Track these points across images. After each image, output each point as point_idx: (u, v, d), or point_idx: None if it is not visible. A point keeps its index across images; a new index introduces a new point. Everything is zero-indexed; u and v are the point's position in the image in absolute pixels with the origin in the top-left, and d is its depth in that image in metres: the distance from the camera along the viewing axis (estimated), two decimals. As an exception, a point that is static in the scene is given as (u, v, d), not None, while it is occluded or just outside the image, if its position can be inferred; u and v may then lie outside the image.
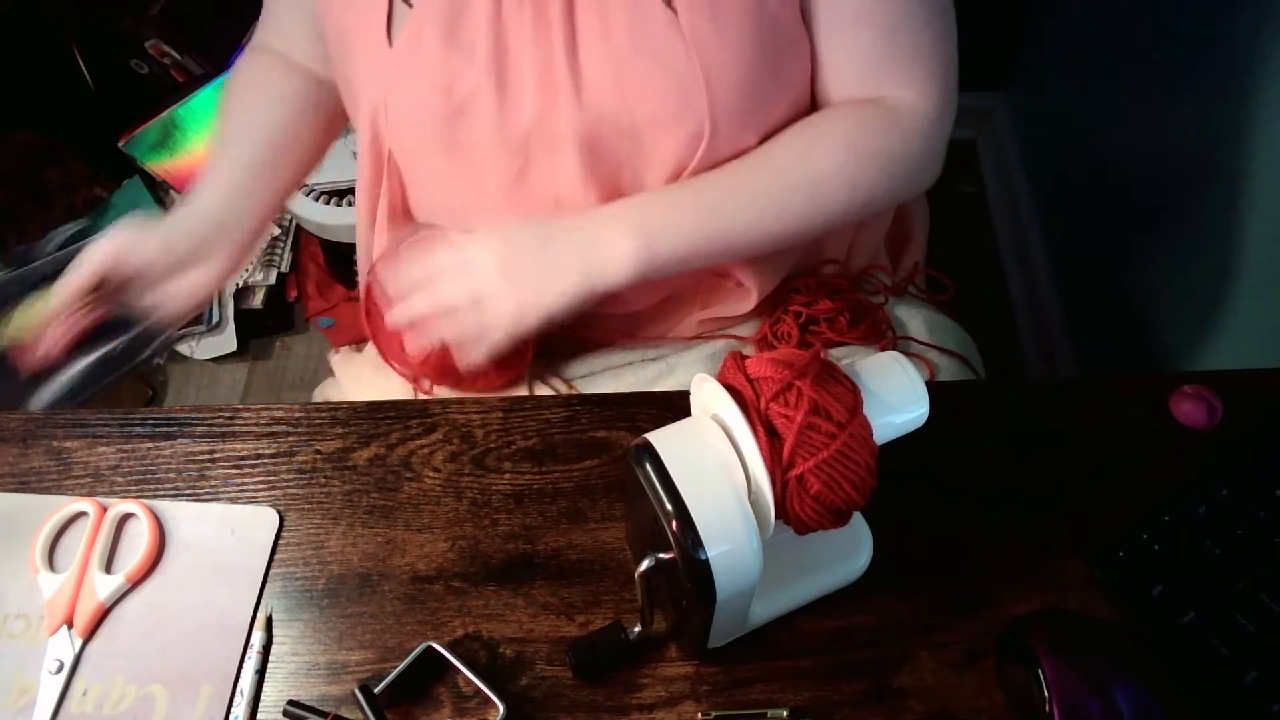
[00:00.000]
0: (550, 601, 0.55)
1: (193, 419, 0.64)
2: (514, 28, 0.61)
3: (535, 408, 0.64)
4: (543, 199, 0.67)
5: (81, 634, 0.55)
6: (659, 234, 0.63)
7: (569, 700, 0.52)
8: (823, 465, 0.44)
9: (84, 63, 1.52)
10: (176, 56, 1.55)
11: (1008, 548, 0.57)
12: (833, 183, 0.66)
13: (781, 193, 0.65)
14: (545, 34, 0.61)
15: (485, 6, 0.61)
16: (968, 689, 0.52)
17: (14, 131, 1.59)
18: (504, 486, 0.60)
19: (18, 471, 0.62)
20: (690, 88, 0.61)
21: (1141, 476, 0.59)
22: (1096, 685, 0.48)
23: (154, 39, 1.53)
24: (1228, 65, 1.04)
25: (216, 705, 0.52)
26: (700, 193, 0.65)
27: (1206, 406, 0.61)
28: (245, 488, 0.61)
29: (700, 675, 0.53)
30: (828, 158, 0.66)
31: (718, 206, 0.64)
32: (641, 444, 0.45)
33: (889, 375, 0.48)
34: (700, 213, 0.64)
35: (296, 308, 1.65)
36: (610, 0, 0.60)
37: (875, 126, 0.66)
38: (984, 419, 0.63)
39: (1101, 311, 1.36)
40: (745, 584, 0.45)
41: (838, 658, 0.53)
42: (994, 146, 1.75)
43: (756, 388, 0.45)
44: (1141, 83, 1.24)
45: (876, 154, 0.66)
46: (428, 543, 0.58)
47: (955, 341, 0.78)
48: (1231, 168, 1.02)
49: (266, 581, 0.57)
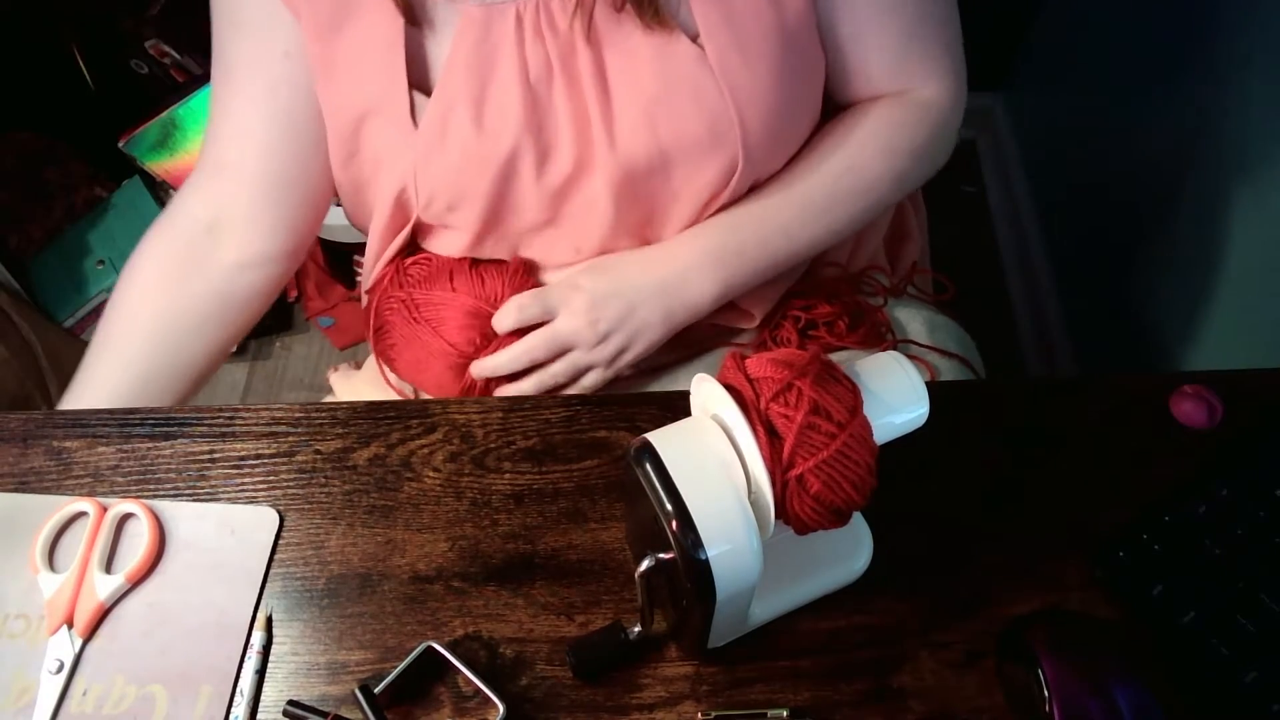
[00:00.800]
0: (550, 601, 0.55)
1: (193, 419, 0.64)
2: (544, 90, 0.61)
3: (535, 408, 0.64)
4: (564, 243, 0.68)
5: (81, 634, 0.55)
6: (735, 271, 0.68)
7: (569, 700, 0.52)
8: (823, 465, 0.44)
9: (84, 63, 1.52)
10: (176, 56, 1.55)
11: (1008, 548, 0.57)
12: (880, 187, 0.70)
13: (836, 206, 0.69)
14: (577, 91, 0.61)
15: (513, 78, 0.61)
16: (968, 689, 0.52)
17: (14, 131, 1.59)
18: (504, 486, 0.60)
19: (18, 471, 0.62)
20: (722, 121, 0.62)
21: (1141, 476, 0.59)
22: (1096, 685, 0.48)
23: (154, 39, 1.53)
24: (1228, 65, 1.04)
25: (216, 705, 0.52)
26: (766, 219, 0.68)
27: (1206, 406, 0.61)
28: (245, 488, 0.61)
29: (700, 675, 0.53)
30: (874, 163, 0.69)
31: (781, 232, 0.68)
32: (641, 444, 0.45)
33: (889, 375, 0.48)
34: (766, 239, 0.68)
35: (296, 308, 1.65)
36: (638, 45, 0.60)
37: (910, 125, 0.70)
38: (984, 419, 0.62)
39: (1101, 311, 1.35)
40: (745, 584, 0.45)
41: (838, 658, 0.53)
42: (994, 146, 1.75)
43: (756, 388, 0.45)
44: (1141, 83, 1.24)
45: (914, 150, 0.71)
46: (428, 543, 0.58)
47: (955, 342, 0.78)
48: (1232, 167, 1.02)
49: (266, 581, 0.57)
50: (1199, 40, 1.10)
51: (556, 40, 0.60)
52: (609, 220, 0.66)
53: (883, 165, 0.70)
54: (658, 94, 0.61)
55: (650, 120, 0.61)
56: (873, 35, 0.67)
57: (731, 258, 0.67)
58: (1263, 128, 0.98)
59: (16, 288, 1.49)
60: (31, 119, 1.60)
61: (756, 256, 0.68)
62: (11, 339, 1.39)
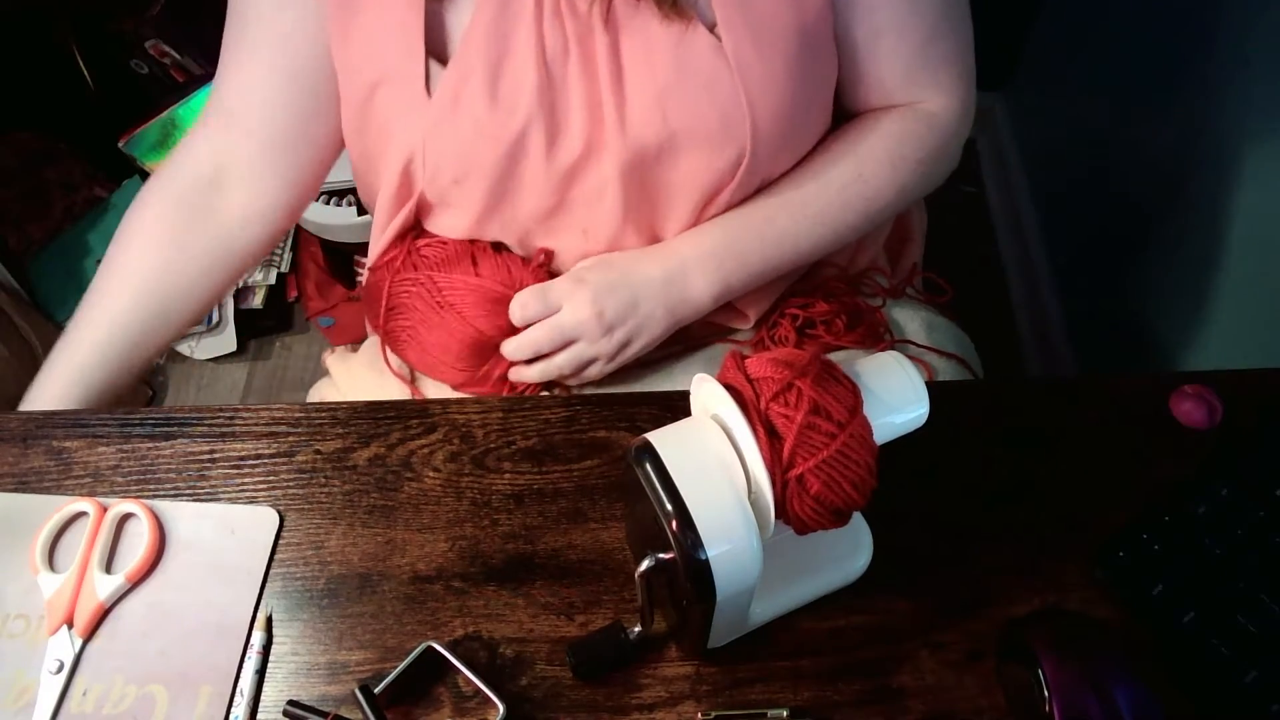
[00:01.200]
0: (550, 601, 0.55)
1: (193, 419, 0.64)
2: (559, 69, 0.62)
3: (535, 408, 0.64)
4: (571, 228, 0.68)
5: (81, 634, 0.55)
6: (735, 273, 0.68)
7: (569, 700, 0.52)
8: (823, 465, 0.44)
9: (84, 63, 1.52)
10: (176, 56, 1.55)
11: (1008, 547, 0.57)
12: (884, 197, 0.70)
13: (840, 213, 0.70)
14: (592, 73, 0.62)
15: (529, 54, 0.61)
16: (968, 689, 0.52)
17: (14, 131, 1.59)
18: (504, 486, 0.60)
19: (18, 471, 0.62)
20: (733, 111, 0.62)
21: (1141, 476, 0.59)
22: (1096, 685, 0.48)
23: (154, 39, 1.53)
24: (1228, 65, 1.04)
25: (216, 705, 0.52)
26: (770, 221, 0.68)
27: (1206, 406, 0.61)
28: (245, 488, 0.61)
29: (700, 675, 0.53)
30: (879, 174, 0.70)
31: (783, 237, 0.69)
32: (641, 444, 0.46)
33: (889, 375, 0.48)
34: (768, 243, 0.68)
35: (296, 308, 1.65)
36: (655, 32, 0.60)
37: (917, 137, 0.71)
38: (984, 419, 0.63)
39: (1101, 311, 1.35)
40: (745, 584, 0.45)
41: (838, 658, 0.53)
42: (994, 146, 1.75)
43: (756, 388, 0.45)
44: (1141, 83, 1.24)
45: (920, 162, 0.71)
46: (428, 543, 0.58)
47: (954, 343, 0.78)
48: (1231, 167, 1.02)
49: (266, 581, 0.57)
50: (1199, 41, 1.10)
51: (575, 21, 0.61)
52: (617, 208, 0.66)
53: (889, 175, 0.70)
54: (671, 81, 0.61)
55: (662, 106, 0.61)
56: (887, 42, 0.67)
57: (733, 258, 0.68)
58: (1262, 128, 0.98)
59: (16, 288, 1.49)
60: (31, 119, 1.60)
61: (758, 259, 0.68)
62: (11, 339, 1.39)
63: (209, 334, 1.56)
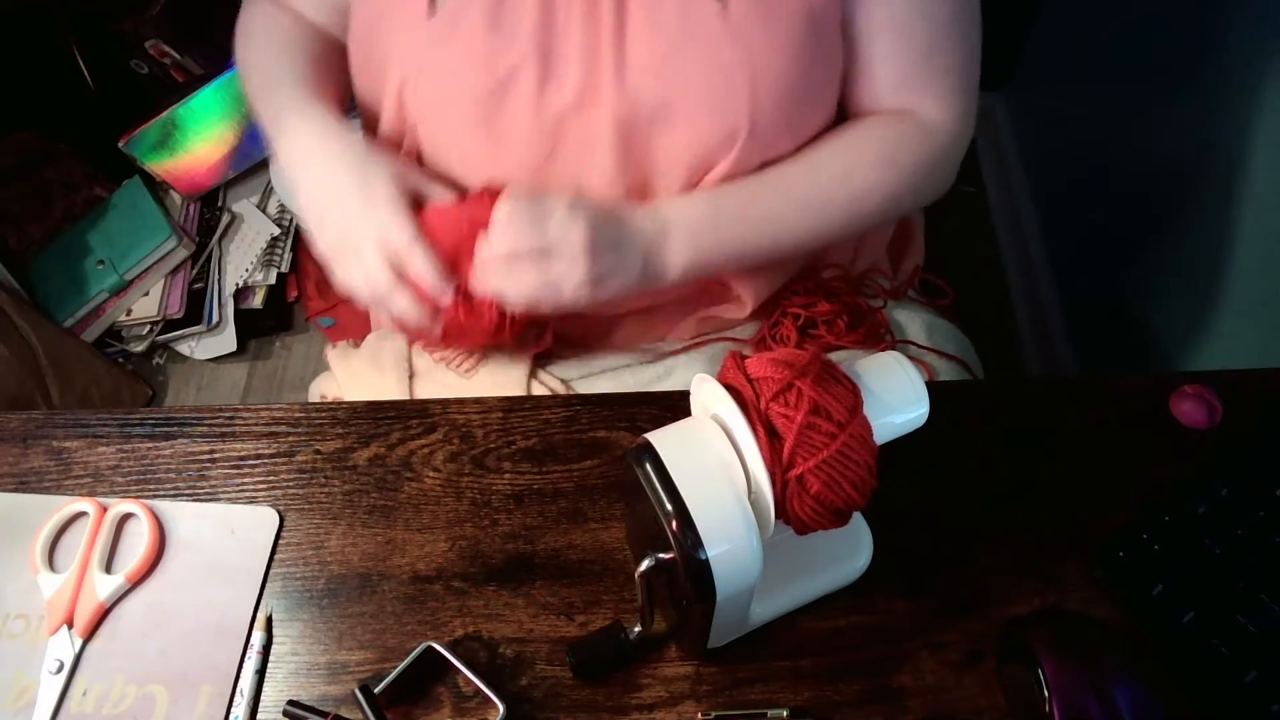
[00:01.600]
0: (550, 601, 0.55)
1: (193, 419, 0.64)
2: (562, 9, 0.62)
3: (535, 408, 0.64)
4: (565, 184, 0.67)
5: (81, 634, 0.55)
6: (711, 247, 0.66)
7: (569, 700, 0.52)
8: (823, 465, 0.44)
9: (84, 63, 1.52)
10: (176, 56, 1.55)
11: (1008, 547, 0.57)
12: (871, 198, 0.69)
13: (824, 207, 0.68)
14: (594, 17, 0.61)
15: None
16: (968, 689, 0.52)
17: (14, 131, 1.59)
18: (504, 486, 0.60)
19: (18, 471, 0.62)
20: (733, 82, 0.61)
21: (1141, 476, 0.59)
22: (1096, 685, 0.48)
23: (154, 39, 1.53)
24: (1228, 64, 1.04)
25: (216, 705, 0.52)
26: (752, 202, 0.67)
27: (1206, 406, 0.61)
28: (245, 488, 0.61)
29: (700, 675, 0.53)
30: (868, 175, 0.69)
31: (764, 220, 0.67)
32: (641, 444, 0.46)
33: (889, 375, 0.48)
34: (748, 224, 0.67)
35: (296, 308, 1.65)
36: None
37: (911, 143, 0.70)
38: (984, 419, 0.63)
39: (1101, 311, 1.36)
40: (745, 584, 0.45)
41: (838, 658, 0.53)
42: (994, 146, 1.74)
43: (756, 388, 0.45)
44: (1141, 83, 1.24)
45: (913, 170, 0.70)
46: (428, 543, 0.58)
47: (954, 345, 0.78)
48: (1231, 167, 1.02)
49: (266, 581, 0.57)
50: (1199, 41, 1.10)
51: None
52: (609, 168, 0.65)
53: (876, 176, 0.69)
54: (674, 40, 0.61)
55: (661, 65, 0.61)
56: (888, 41, 0.66)
57: (710, 232, 0.66)
58: (1262, 128, 0.98)
59: (16, 288, 1.49)
60: (31, 119, 1.60)
61: (735, 239, 0.67)
62: (11, 339, 1.39)
63: (209, 334, 1.56)
